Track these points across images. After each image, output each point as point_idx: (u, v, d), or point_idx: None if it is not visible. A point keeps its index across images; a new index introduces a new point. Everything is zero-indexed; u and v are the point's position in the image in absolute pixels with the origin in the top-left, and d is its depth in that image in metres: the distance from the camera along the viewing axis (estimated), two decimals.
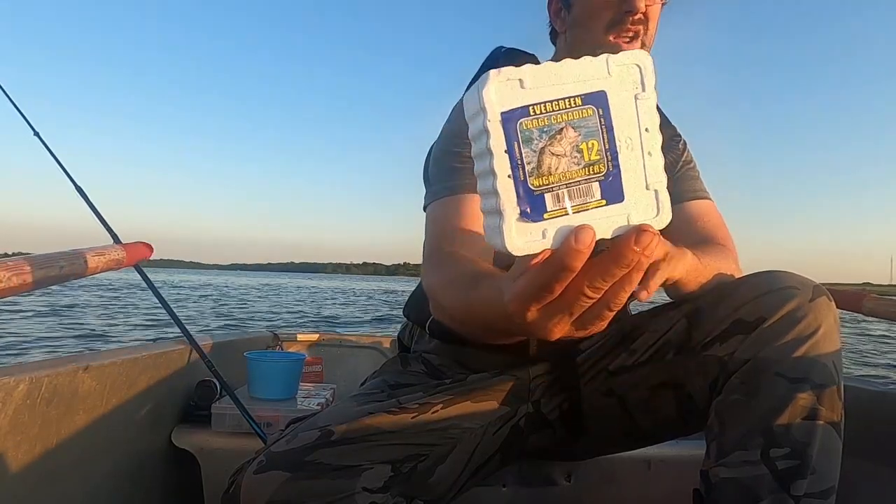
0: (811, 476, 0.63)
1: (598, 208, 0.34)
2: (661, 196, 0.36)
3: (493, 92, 0.33)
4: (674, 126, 0.97)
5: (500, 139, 0.33)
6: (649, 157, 0.36)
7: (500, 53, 1.01)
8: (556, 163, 0.34)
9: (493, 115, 0.33)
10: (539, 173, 0.33)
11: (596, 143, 0.34)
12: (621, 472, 1.09)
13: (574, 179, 0.34)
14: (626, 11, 0.82)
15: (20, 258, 0.76)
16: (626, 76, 0.35)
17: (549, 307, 0.37)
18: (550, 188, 0.34)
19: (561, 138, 0.33)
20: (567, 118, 0.33)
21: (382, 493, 0.65)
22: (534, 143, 0.33)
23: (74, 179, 1.22)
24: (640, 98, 0.35)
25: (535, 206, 0.34)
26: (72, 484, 0.89)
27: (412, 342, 0.99)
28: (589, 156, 0.34)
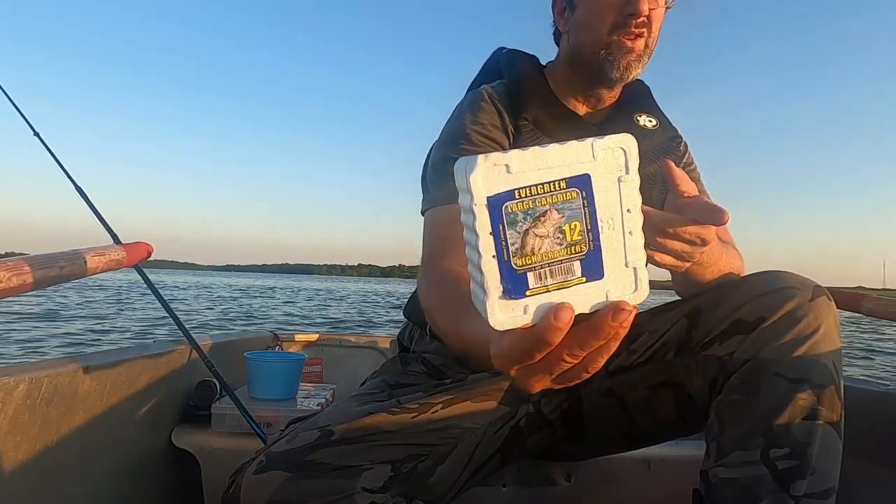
0: (811, 476, 0.63)
1: (579, 285, 0.36)
2: (640, 273, 0.38)
3: (481, 177, 0.35)
4: (675, 128, 0.97)
5: (486, 222, 0.35)
6: (630, 235, 0.37)
7: (501, 54, 1.00)
8: (539, 243, 0.35)
9: (479, 199, 0.35)
10: (522, 253, 0.35)
11: (578, 223, 0.36)
12: (621, 472, 1.09)
13: (556, 259, 0.36)
14: (630, 14, 0.83)
15: (20, 258, 0.76)
16: (611, 159, 0.36)
17: (530, 368, 0.40)
18: (533, 267, 0.35)
19: (545, 220, 0.35)
20: (551, 201, 0.35)
21: (382, 493, 0.65)
22: (518, 225, 0.35)
23: (74, 179, 1.22)
24: (623, 180, 0.36)
25: (517, 285, 0.36)
26: (72, 484, 0.89)
27: (412, 343, 0.99)
28: (571, 236, 0.36)
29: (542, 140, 0.87)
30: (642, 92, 1.00)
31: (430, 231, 0.84)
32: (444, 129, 0.92)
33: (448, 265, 0.76)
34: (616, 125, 0.92)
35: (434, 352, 0.94)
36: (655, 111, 0.97)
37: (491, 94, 0.91)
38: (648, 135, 0.93)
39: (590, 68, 0.88)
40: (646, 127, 0.94)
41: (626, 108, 0.95)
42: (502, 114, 0.88)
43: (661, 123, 0.96)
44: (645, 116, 0.95)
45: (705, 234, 0.62)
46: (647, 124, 0.94)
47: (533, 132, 0.88)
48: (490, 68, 1.01)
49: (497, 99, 0.90)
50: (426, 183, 0.90)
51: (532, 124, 0.88)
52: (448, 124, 0.91)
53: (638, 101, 0.97)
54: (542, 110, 0.89)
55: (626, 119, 0.94)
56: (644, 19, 0.83)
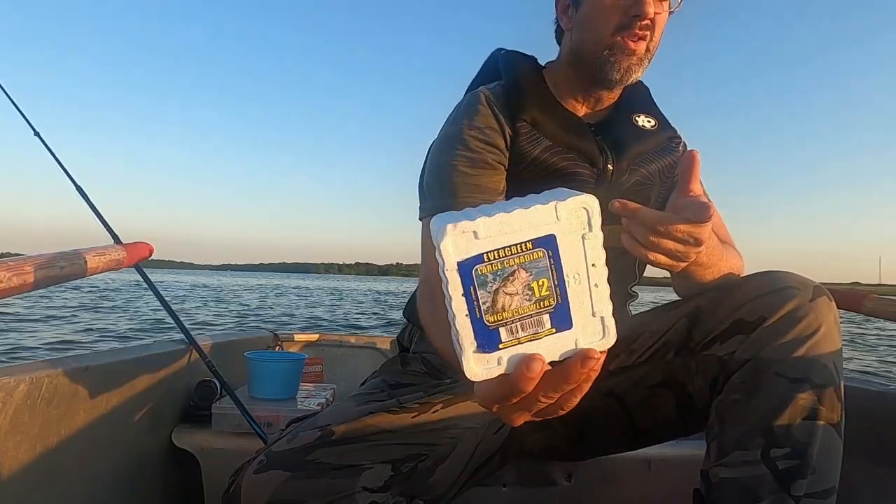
0: (811, 476, 0.63)
1: (549, 336, 0.39)
2: (607, 321, 0.40)
3: (451, 244, 0.37)
4: (673, 128, 0.97)
5: (458, 284, 0.37)
6: (595, 288, 0.39)
7: (499, 55, 1.00)
8: (510, 301, 0.38)
9: (450, 265, 0.37)
10: (494, 311, 0.38)
11: (546, 280, 0.38)
12: (621, 472, 1.09)
13: (526, 314, 0.38)
14: (635, 16, 0.83)
15: (20, 258, 0.76)
16: (574, 219, 0.38)
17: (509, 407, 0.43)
18: (504, 323, 0.38)
19: (513, 279, 0.37)
20: (519, 261, 0.37)
21: (383, 493, 0.65)
22: (488, 285, 0.37)
23: (74, 179, 1.22)
24: (587, 238, 0.38)
25: (489, 340, 0.38)
26: (72, 484, 0.89)
27: (412, 343, 0.99)
28: (539, 292, 0.38)
29: (541, 141, 0.87)
30: (641, 92, 1.00)
31: (427, 240, 0.84)
32: (440, 133, 0.91)
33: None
34: (615, 126, 0.92)
35: (434, 352, 0.93)
36: (654, 111, 0.97)
37: (488, 97, 0.90)
38: (647, 135, 0.93)
39: (590, 68, 0.88)
40: (644, 127, 0.93)
41: (624, 109, 0.95)
42: (499, 116, 0.88)
43: (660, 124, 0.95)
44: (644, 117, 0.95)
45: (698, 234, 0.62)
46: (645, 125, 0.94)
47: (531, 133, 0.87)
48: (488, 70, 1.01)
49: (494, 101, 0.90)
50: (423, 189, 0.89)
51: (530, 125, 0.87)
52: (445, 128, 0.90)
53: (637, 102, 0.97)
54: (541, 111, 0.89)
55: (625, 120, 0.93)
56: (648, 22, 0.83)
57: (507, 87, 0.92)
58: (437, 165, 0.87)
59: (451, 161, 0.85)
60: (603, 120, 0.94)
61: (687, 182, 0.61)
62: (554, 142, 0.86)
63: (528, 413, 0.43)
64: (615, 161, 0.88)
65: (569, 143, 0.87)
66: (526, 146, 0.86)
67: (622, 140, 0.90)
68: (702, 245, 0.63)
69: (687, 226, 0.61)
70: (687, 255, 0.64)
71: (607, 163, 0.87)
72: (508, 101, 0.89)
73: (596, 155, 0.87)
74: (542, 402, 0.41)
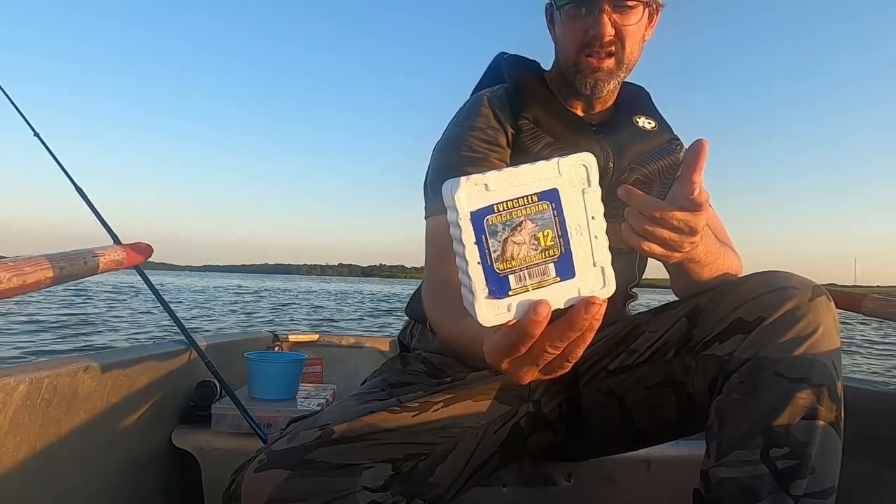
0: (811, 476, 0.63)
1: (554, 284, 0.42)
2: (607, 272, 0.43)
3: (464, 195, 0.40)
4: (673, 132, 0.99)
5: (470, 234, 0.40)
6: (595, 239, 0.42)
7: (502, 59, 1.02)
8: (518, 250, 0.41)
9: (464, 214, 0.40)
10: (503, 259, 0.41)
11: (550, 231, 0.41)
12: (621, 472, 1.09)
13: (533, 262, 0.41)
14: (593, 36, 0.85)
15: (20, 258, 0.76)
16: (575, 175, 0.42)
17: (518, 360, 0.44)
18: (513, 270, 0.41)
19: (521, 230, 0.41)
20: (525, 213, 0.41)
21: (383, 492, 0.65)
22: (498, 234, 0.41)
23: (74, 179, 1.23)
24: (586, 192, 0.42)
25: (500, 286, 0.41)
26: (72, 484, 0.89)
27: (413, 340, 1.00)
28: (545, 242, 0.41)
29: (543, 138, 0.89)
30: (641, 95, 1.02)
31: (431, 238, 0.86)
32: (444, 135, 0.93)
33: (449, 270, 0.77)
34: (615, 126, 0.93)
35: (435, 350, 0.94)
36: (654, 114, 0.99)
37: (490, 99, 0.93)
38: (647, 136, 0.94)
39: (568, 81, 0.92)
40: (644, 128, 0.95)
41: (624, 109, 0.97)
42: (500, 117, 0.90)
43: (660, 126, 0.97)
44: (644, 118, 0.97)
45: (693, 223, 0.62)
46: (645, 125, 0.95)
47: (533, 130, 0.89)
48: (492, 73, 1.04)
49: (497, 103, 0.92)
50: (428, 189, 0.91)
51: (533, 123, 0.89)
52: (448, 130, 0.93)
53: (637, 104, 0.99)
54: (542, 110, 0.91)
55: (626, 120, 0.95)
56: (610, 39, 0.85)
57: (510, 88, 0.95)
58: (441, 166, 0.89)
59: (455, 161, 0.87)
60: (604, 120, 0.95)
61: (690, 172, 0.61)
62: (555, 139, 0.88)
63: (536, 367, 0.45)
64: (616, 159, 0.89)
65: (570, 140, 0.88)
66: (528, 142, 0.88)
67: (622, 139, 0.91)
68: (696, 235, 0.63)
69: (682, 213, 0.61)
70: (681, 244, 0.64)
71: (608, 161, 0.88)
72: (511, 102, 0.92)
73: (597, 152, 0.88)
74: (549, 352, 0.43)
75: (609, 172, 0.88)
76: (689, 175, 0.60)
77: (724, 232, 0.94)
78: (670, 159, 0.94)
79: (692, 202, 0.60)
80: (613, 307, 0.93)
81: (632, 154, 0.91)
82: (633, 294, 0.97)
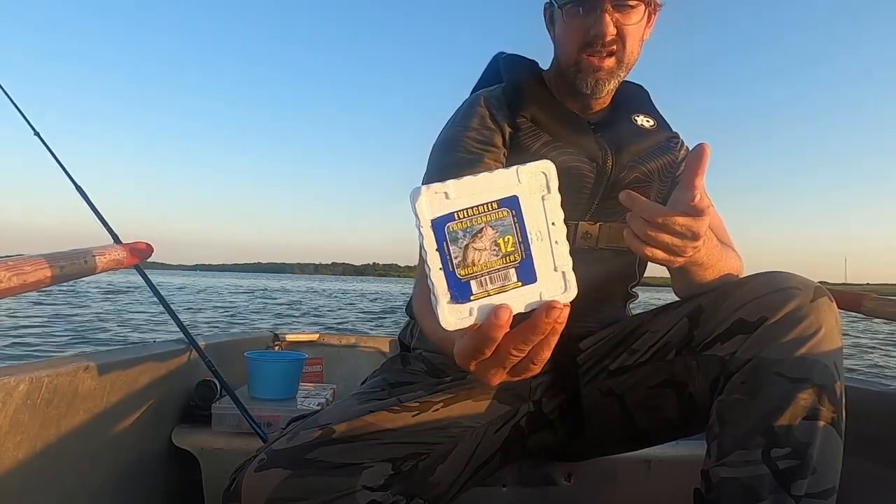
0: (812, 476, 0.63)
1: (515, 289, 0.42)
2: (568, 276, 0.43)
3: (425, 203, 0.41)
4: (673, 131, 0.99)
5: (432, 240, 0.41)
6: (556, 245, 0.43)
7: (500, 59, 1.02)
8: (479, 256, 0.42)
9: (425, 221, 0.41)
10: (464, 265, 0.42)
11: (511, 237, 0.42)
12: (621, 472, 1.09)
13: (494, 268, 0.42)
14: (595, 35, 0.85)
15: (20, 258, 0.76)
16: (534, 182, 0.42)
17: (485, 363, 0.45)
18: (475, 276, 0.42)
19: (482, 236, 0.42)
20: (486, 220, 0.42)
21: (383, 492, 0.65)
22: (459, 241, 0.41)
23: (74, 179, 1.22)
24: (546, 199, 0.43)
25: (462, 292, 0.42)
26: (72, 484, 0.89)
27: (413, 339, 1.00)
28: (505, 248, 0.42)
29: (541, 136, 0.89)
30: (640, 94, 1.02)
31: None
32: (440, 136, 0.93)
33: None
34: (614, 124, 0.93)
35: (434, 350, 0.94)
36: (653, 112, 0.99)
37: (486, 99, 0.93)
38: (646, 134, 0.94)
39: (568, 80, 0.92)
40: (643, 126, 0.95)
41: (623, 108, 0.97)
42: (496, 117, 0.90)
43: (659, 124, 0.97)
44: (643, 117, 0.96)
45: (696, 227, 0.62)
46: (644, 124, 0.95)
47: (531, 129, 0.89)
48: (490, 73, 1.04)
49: (493, 103, 0.92)
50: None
51: (531, 122, 0.89)
52: (444, 132, 0.93)
53: (635, 103, 0.99)
54: (540, 109, 0.91)
55: (624, 119, 0.95)
56: (612, 38, 0.85)
57: (508, 87, 0.94)
58: (437, 167, 0.90)
59: (450, 163, 0.87)
60: (602, 119, 0.95)
61: (692, 176, 0.60)
62: (554, 137, 0.88)
63: (503, 369, 0.46)
64: (614, 158, 0.89)
65: (568, 138, 0.88)
66: (526, 140, 0.88)
67: (621, 137, 0.91)
68: (699, 240, 0.64)
69: (684, 219, 0.61)
70: (684, 249, 0.64)
71: (607, 159, 0.88)
72: (509, 101, 0.92)
73: (595, 151, 0.88)
74: (514, 355, 0.44)
75: (608, 171, 0.88)
76: (690, 180, 0.60)
77: (725, 232, 0.94)
78: (669, 157, 0.94)
79: (693, 207, 0.60)
80: (614, 307, 0.93)
81: (631, 152, 0.91)
82: (634, 294, 0.97)
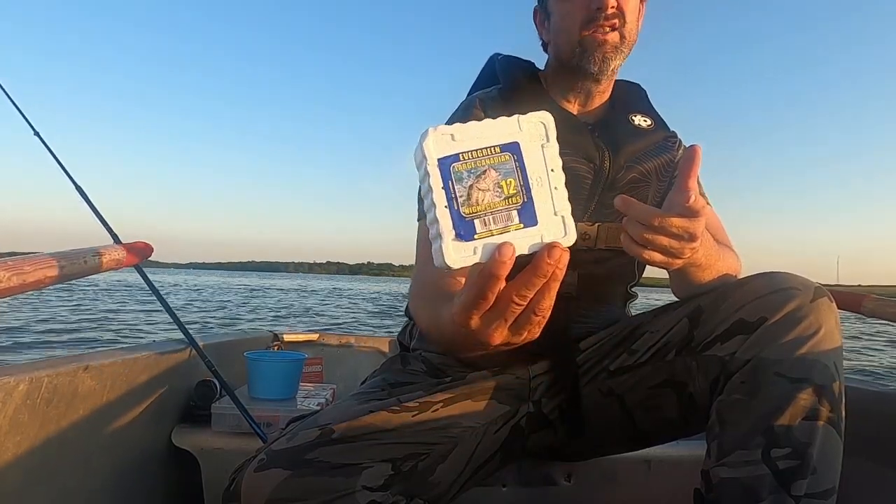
0: (811, 476, 0.63)
1: (517, 230, 0.44)
2: (567, 221, 0.45)
3: (432, 143, 0.43)
4: (671, 130, 0.99)
5: (438, 179, 0.43)
6: (556, 190, 0.45)
7: (496, 60, 1.02)
8: (482, 196, 0.44)
9: (431, 160, 0.43)
10: (469, 204, 0.43)
11: (513, 181, 0.44)
12: (621, 472, 1.09)
13: (497, 208, 0.44)
14: (597, 8, 0.85)
15: (20, 258, 0.76)
16: (534, 130, 0.45)
17: (487, 315, 0.46)
18: (478, 215, 0.44)
19: (485, 177, 0.44)
20: (489, 162, 0.44)
21: (382, 492, 0.65)
22: (464, 181, 0.43)
23: (74, 179, 1.23)
24: (545, 147, 0.45)
25: (466, 230, 0.43)
26: (71, 484, 0.89)
27: (412, 340, 1.00)
28: (508, 190, 0.44)
29: None
30: (637, 93, 1.02)
31: (421, 239, 0.86)
32: None
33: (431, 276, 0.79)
34: (611, 124, 0.93)
35: (434, 350, 0.94)
36: (650, 111, 0.99)
37: (482, 101, 0.93)
38: (643, 134, 0.94)
39: (571, 66, 0.91)
40: (640, 126, 0.95)
41: (620, 108, 0.97)
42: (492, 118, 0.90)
43: (656, 124, 0.97)
44: (640, 117, 0.96)
45: (693, 229, 0.62)
46: (641, 124, 0.95)
47: None
48: (486, 75, 1.03)
49: (489, 104, 0.92)
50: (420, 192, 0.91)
51: None
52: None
53: (632, 102, 0.99)
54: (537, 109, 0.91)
55: (621, 119, 0.95)
56: (613, 10, 0.85)
57: (504, 88, 0.94)
58: None
59: None
60: (599, 119, 0.95)
61: (685, 178, 0.61)
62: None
63: (505, 323, 0.46)
64: (612, 158, 0.88)
65: (565, 139, 0.88)
66: None
67: (618, 138, 0.91)
68: (696, 241, 0.64)
69: (681, 220, 0.61)
70: (682, 251, 0.64)
71: (604, 159, 0.88)
72: (505, 102, 0.92)
73: (593, 151, 0.88)
74: (516, 303, 0.44)
75: (605, 171, 0.88)
76: (683, 182, 0.61)
77: (723, 232, 0.94)
78: (667, 157, 0.95)
79: (689, 209, 0.61)
80: (613, 307, 0.93)
81: (628, 153, 0.91)
82: (633, 294, 0.97)
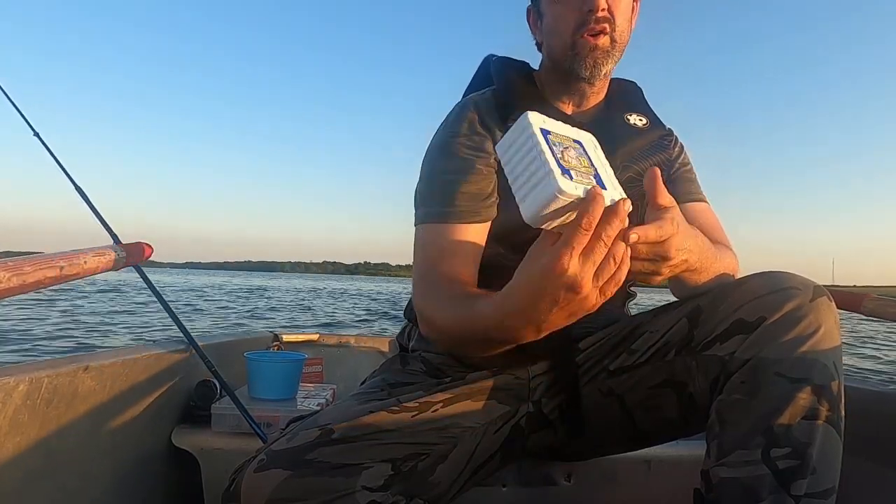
0: (811, 476, 0.63)
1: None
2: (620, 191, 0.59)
3: (534, 117, 0.59)
4: (667, 128, 0.99)
5: (542, 139, 0.57)
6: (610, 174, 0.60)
7: (491, 61, 1.02)
8: (571, 159, 0.57)
9: (537, 129, 0.57)
10: (565, 160, 0.57)
11: (584, 160, 0.59)
12: (621, 472, 1.09)
13: (581, 170, 0.57)
14: (588, 10, 0.85)
15: (20, 258, 0.76)
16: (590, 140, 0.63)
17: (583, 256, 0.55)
18: (573, 169, 0.56)
19: (569, 150, 0.59)
20: (568, 143, 0.59)
21: (382, 492, 0.65)
22: (557, 147, 0.57)
23: (74, 179, 1.23)
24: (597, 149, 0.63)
25: (568, 174, 0.55)
26: (72, 484, 0.89)
27: (411, 342, 1.00)
28: (583, 165, 0.58)
29: None
30: (633, 92, 1.02)
31: (424, 246, 0.86)
32: (432, 142, 0.94)
33: (446, 275, 0.80)
34: (606, 124, 0.93)
35: (433, 350, 0.94)
36: (646, 111, 0.99)
37: (476, 103, 0.93)
38: (639, 133, 0.94)
39: (564, 69, 0.91)
40: (636, 125, 0.95)
41: (615, 107, 0.97)
42: (487, 121, 0.90)
43: (652, 122, 0.97)
44: (635, 116, 0.96)
45: (662, 251, 0.64)
46: (637, 123, 0.95)
47: None
48: (481, 76, 1.04)
49: (483, 106, 0.92)
50: (417, 196, 0.91)
51: None
52: (435, 138, 0.93)
53: (627, 101, 0.99)
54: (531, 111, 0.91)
55: (616, 118, 0.95)
56: (604, 14, 0.85)
57: (499, 89, 0.94)
58: (429, 174, 0.90)
59: (442, 168, 0.88)
60: (594, 119, 0.95)
61: (653, 197, 0.65)
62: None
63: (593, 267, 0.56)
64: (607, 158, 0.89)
65: None
66: None
67: (614, 137, 0.91)
68: (670, 260, 0.64)
69: (645, 246, 0.63)
70: (658, 271, 0.66)
71: None
72: (500, 103, 0.92)
73: None
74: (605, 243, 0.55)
75: None
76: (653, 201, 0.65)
77: (721, 230, 0.94)
78: (663, 155, 0.95)
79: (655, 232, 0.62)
80: (613, 307, 0.93)
81: (623, 152, 0.91)
82: (633, 293, 0.97)
